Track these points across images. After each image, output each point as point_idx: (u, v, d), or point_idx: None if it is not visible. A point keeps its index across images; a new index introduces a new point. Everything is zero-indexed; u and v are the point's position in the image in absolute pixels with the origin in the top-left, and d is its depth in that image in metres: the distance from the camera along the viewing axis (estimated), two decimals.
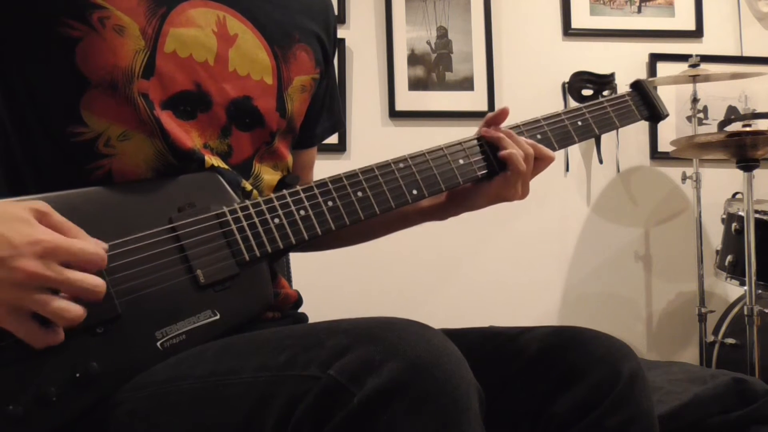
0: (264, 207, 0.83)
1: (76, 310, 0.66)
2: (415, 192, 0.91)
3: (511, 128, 1.01)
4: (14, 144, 0.81)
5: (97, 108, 0.80)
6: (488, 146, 0.98)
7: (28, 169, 0.82)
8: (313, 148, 1.14)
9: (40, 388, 0.67)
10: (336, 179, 0.87)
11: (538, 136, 1.01)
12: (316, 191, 0.86)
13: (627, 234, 2.72)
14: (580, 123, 1.05)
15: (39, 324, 0.66)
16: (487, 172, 0.97)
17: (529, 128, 1.01)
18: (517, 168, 0.96)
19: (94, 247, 0.68)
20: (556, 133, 1.03)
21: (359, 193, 0.88)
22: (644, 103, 1.11)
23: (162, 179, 0.82)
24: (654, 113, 1.11)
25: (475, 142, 0.98)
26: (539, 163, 0.99)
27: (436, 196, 0.97)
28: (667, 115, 1.12)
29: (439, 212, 1.05)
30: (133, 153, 0.82)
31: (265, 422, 0.62)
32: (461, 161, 0.96)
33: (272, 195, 0.84)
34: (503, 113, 1.00)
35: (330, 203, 0.86)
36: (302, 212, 0.84)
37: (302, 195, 0.85)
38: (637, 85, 1.12)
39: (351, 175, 0.88)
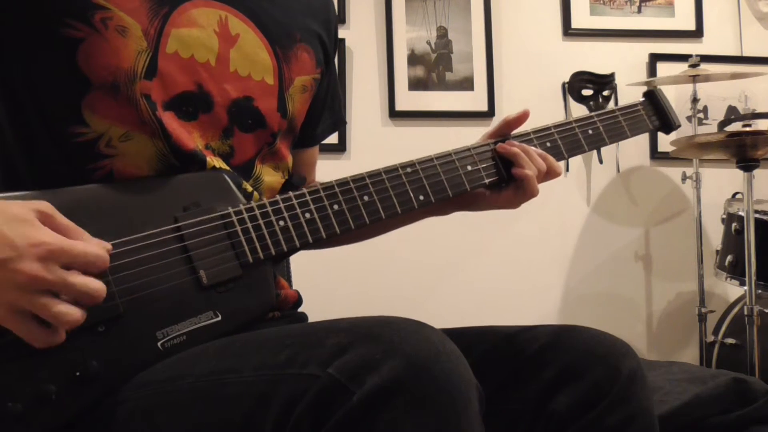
0: (269, 209, 0.83)
1: (75, 313, 0.65)
2: (422, 198, 0.91)
3: (521, 135, 1.00)
4: (15, 144, 0.81)
5: (99, 108, 0.80)
6: (498, 153, 0.98)
7: (29, 169, 0.82)
8: (315, 147, 1.14)
9: (40, 386, 0.67)
10: (343, 182, 0.87)
11: (548, 144, 1.01)
12: (322, 194, 0.85)
13: (627, 234, 2.72)
14: (590, 132, 1.04)
15: (39, 324, 0.65)
16: (495, 179, 0.97)
17: (539, 136, 1.01)
18: (530, 190, 0.96)
19: (97, 249, 0.68)
20: (566, 141, 1.02)
21: (365, 198, 0.87)
22: (656, 113, 1.11)
23: (167, 178, 0.82)
24: (666, 123, 1.11)
25: (485, 148, 0.98)
26: (547, 176, 0.99)
27: None
28: (679, 126, 1.12)
29: (443, 210, 1.05)
30: (135, 154, 0.82)
31: (264, 421, 0.62)
32: (469, 167, 0.96)
33: (278, 197, 0.84)
34: (524, 116, 1.00)
35: (336, 207, 0.86)
36: (307, 215, 0.84)
37: (308, 198, 0.85)
38: (650, 95, 1.11)
39: (358, 179, 0.88)
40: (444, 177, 0.93)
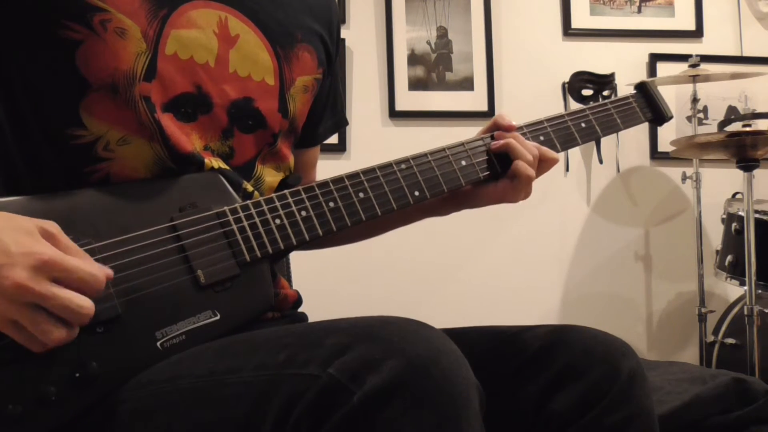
0: (265, 207, 0.83)
1: (58, 333, 0.64)
2: (417, 193, 0.91)
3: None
4: (13, 146, 0.81)
5: (97, 111, 0.80)
6: (492, 150, 0.98)
7: (27, 171, 0.81)
8: (316, 147, 1.14)
9: (40, 388, 0.67)
10: (337, 180, 0.87)
11: (541, 138, 1.01)
12: (318, 192, 0.85)
13: (627, 234, 2.72)
14: (583, 125, 1.04)
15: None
16: (490, 174, 0.97)
17: (532, 130, 1.01)
18: (526, 176, 0.95)
19: (92, 268, 0.66)
20: (559, 134, 1.02)
21: (361, 194, 0.87)
22: (648, 105, 1.10)
23: (164, 180, 0.82)
24: (658, 115, 1.10)
25: (478, 143, 0.98)
26: (544, 164, 0.99)
27: None
28: (671, 117, 1.12)
29: (441, 209, 1.05)
30: (132, 157, 0.81)
31: (264, 421, 0.62)
32: (464, 162, 0.96)
33: (273, 195, 0.84)
34: (510, 128, 0.99)
35: (331, 204, 0.86)
36: (303, 213, 0.84)
37: (303, 195, 0.85)
38: (641, 87, 1.11)
39: (353, 176, 0.88)
40: (438, 172, 0.93)
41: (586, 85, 2.54)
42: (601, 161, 2.66)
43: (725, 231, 2.38)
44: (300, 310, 1.00)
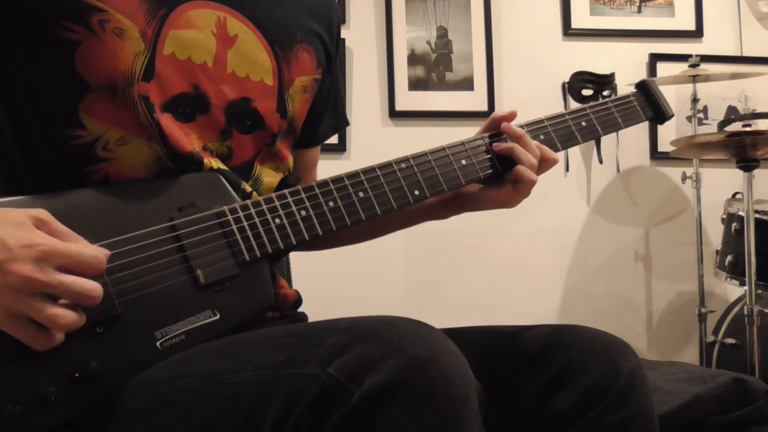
0: (265, 207, 0.83)
1: (69, 316, 0.65)
2: (417, 192, 0.91)
3: None
4: (12, 146, 0.81)
5: (96, 111, 0.80)
6: (491, 146, 0.98)
7: (26, 171, 0.81)
8: (316, 147, 1.14)
9: (39, 388, 0.67)
10: (337, 179, 0.87)
11: (541, 137, 1.00)
12: (317, 191, 0.85)
13: (627, 234, 2.72)
14: (584, 123, 1.04)
15: (37, 327, 0.65)
16: (491, 173, 0.97)
17: (533, 129, 1.01)
18: (530, 182, 0.95)
19: (92, 250, 0.68)
20: (559, 133, 1.02)
21: (360, 194, 0.87)
22: (649, 104, 1.10)
23: (163, 179, 0.82)
24: (659, 114, 1.10)
25: (478, 142, 0.98)
26: (543, 164, 0.98)
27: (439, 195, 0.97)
28: (672, 116, 1.12)
29: (442, 212, 1.05)
30: (131, 157, 0.81)
31: (264, 421, 0.62)
32: (464, 162, 0.95)
33: (273, 195, 0.84)
34: (511, 116, 0.99)
35: (331, 203, 0.86)
36: (303, 212, 0.84)
37: (303, 195, 0.85)
38: (642, 86, 1.11)
39: (352, 175, 0.88)
40: (438, 171, 0.93)
41: (586, 85, 2.54)
42: (601, 161, 2.66)
43: (725, 231, 2.38)
44: (300, 310, 1.00)
